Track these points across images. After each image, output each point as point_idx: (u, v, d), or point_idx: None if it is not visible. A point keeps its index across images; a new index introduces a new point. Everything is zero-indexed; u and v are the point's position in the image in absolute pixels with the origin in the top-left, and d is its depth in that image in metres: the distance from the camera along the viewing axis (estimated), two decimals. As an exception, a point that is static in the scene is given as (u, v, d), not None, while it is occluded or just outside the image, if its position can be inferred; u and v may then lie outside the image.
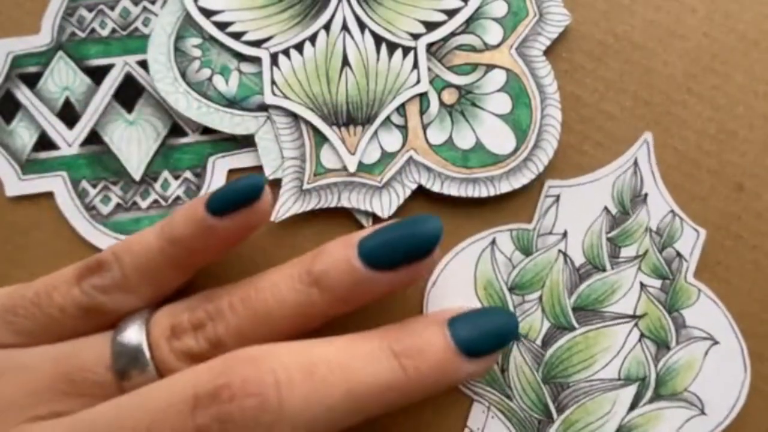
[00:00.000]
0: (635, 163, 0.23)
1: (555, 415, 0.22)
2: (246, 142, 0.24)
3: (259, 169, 0.24)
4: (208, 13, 0.24)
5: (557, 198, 0.23)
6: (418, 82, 0.24)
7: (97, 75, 0.25)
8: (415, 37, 0.24)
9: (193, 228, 0.20)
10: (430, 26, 0.24)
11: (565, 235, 0.23)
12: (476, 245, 0.23)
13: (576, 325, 0.23)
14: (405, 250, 0.19)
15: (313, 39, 0.24)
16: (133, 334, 0.20)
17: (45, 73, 0.25)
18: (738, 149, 0.24)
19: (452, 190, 0.23)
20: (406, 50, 0.24)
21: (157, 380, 0.19)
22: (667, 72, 0.24)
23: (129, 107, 0.24)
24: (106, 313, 0.20)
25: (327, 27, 0.24)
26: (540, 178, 0.23)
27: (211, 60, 0.24)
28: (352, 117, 0.23)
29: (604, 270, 0.23)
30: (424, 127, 0.24)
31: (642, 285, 0.23)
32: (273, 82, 0.24)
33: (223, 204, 0.20)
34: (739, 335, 0.23)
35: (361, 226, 0.23)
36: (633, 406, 0.22)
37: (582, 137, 0.24)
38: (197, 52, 0.24)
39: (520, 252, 0.23)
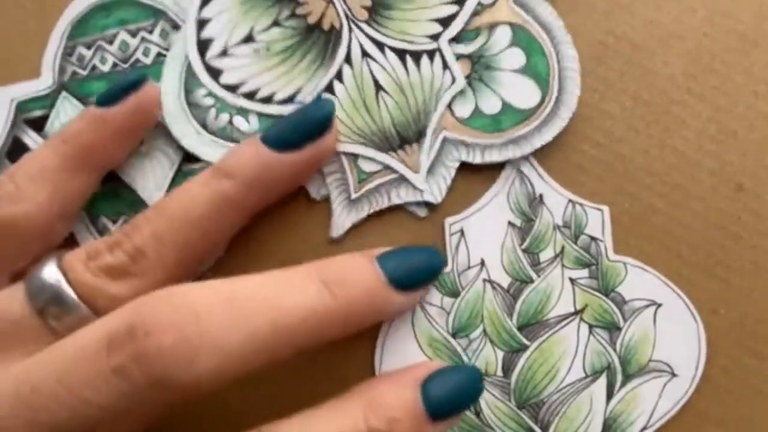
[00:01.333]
0: (519, 171, 0.23)
1: None
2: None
3: None
4: (232, 89, 0.24)
5: (461, 232, 0.23)
6: (454, 80, 0.24)
7: None
8: (435, 37, 0.24)
9: (82, 122, 0.21)
10: (445, 22, 0.24)
11: (483, 263, 0.23)
12: (402, 320, 0.23)
13: (527, 342, 0.23)
14: (303, 129, 0.22)
15: (339, 76, 0.24)
16: (47, 270, 0.19)
17: (51, 115, 0.25)
18: (738, 149, 0.24)
19: (494, 156, 0.23)
20: (431, 54, 0.24)
21: (80, 308, 0.19)
22: (667, 72, 0.24)
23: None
24: (5, 227, 0.20)
25: (348, 60, 0.24)
26: (442, 217, 0.23)
27: (226, 104, 0.24)
28: (404, 137, 0.23)
29: (531, 281, 0.23)
30: (449, 105, 0.24)
31: (572, 280, 0.23)
32: None
33: (109, 93, 0.22)
34: (675, 289, 0.23)
35: (417, 219, 0.23)
36: (609, 395, 0.22)
37: (582, 137, 0.24)
38: (210, 101, 0.24)
39: (448, 297, 0.23)
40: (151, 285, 0.19)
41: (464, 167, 0.23)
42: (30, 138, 0.25)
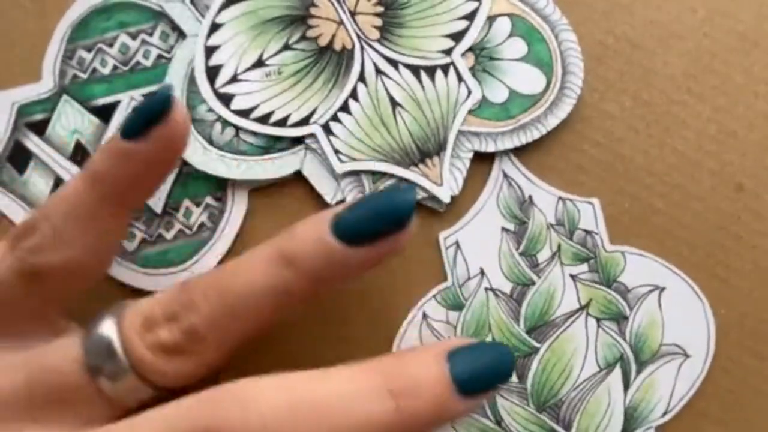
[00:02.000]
0: (505, 175, 0.23)
1: None
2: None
3: (280, 182, 0.24)
4: (244, 113, 0.24)
5: (457, 244, 0.23)
6: (470, 92, 0.24)
7: (105, 113, 0.24)
8: (447, 52, 0.24)
9: (113, 160, 0.19)
10: (457, 37, 0.24)
11: (482, 272, 0.23)
12: (412, 326, 0.23)
13: (537, 345, 0.23)
14: (379, 223, 0.18)
15: (354, 95, 0.24)
16: (104, 329, 0.19)
17: (52, 118, 0.25)
18: (738, 149, 0.24)
19: (506, 143, 0.23)
20: (445, 68, 0.24)
21: (132, 376, 0.19)
22: (667, 72, 0.24)
23: None
24: (44, 275, 0.19)
25: (362, 78, 0.24)
26: (436, 231, 0.23)
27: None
28: (424, 151, 0.23)
29: (533, 283, 0.23)
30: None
31: (572, 276, 0.23)
32: (336, 152, 0.23)
33: (133, 125, 0.19)
34: (677, 271, 0.23)
35: (438, 214, 0.23)
36: (626, 386, 0.23)
37: (582, 137, 0.24)
38: (213, 115, 0.24)
39: (452, 310, 0.23)
40: (203, 364, 0.19)
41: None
42: (31, 142, 0.25)
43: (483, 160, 0.24)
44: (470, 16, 0.24)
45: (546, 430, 0.22)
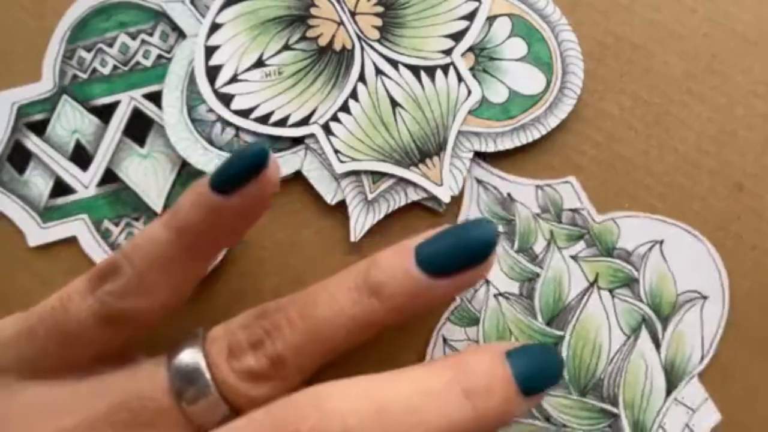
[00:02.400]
0: (478, 181, 0.23)
1: (614, 409, 0.22)
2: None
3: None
4: (244, 114, 0.24)
5: None
6: (470, 92, 0.24)
7: (105, 113, 0.25)
8: (447, 52, 0.24)
9: (199, 212, 0.19)
10: (457, 37, 0.24)
11: (486, 281, 0.23)
12: (437, 352, 0.23)
13: (560, 333, 0.23)
14: (462, 256, 0.19)
15: (354, 95, 0.24)
16: (190, 356, 0.19)
17: (52, 118, 0.25)
18: (737, 149, 0.24)
19: (506, 143, 0.23)
20: (445, 68, 0.24)
21: (217, 400, 0.19)
22: (666, 72, 0.24)
23: (140, 141, 0.24)
24: (125, 319, 0.19)
25: (362, 78, 0.24)
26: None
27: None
28: (424, 151, 0.23)
29: (538, 276, 0.23)
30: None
31: (573, 257, 0.23)
32: (336, 152, 0.23)
33: (227, 180, 0.19)
34: (669, 221, 0.23)
35: (435, 214, 0.23)
36: (657, 345, 0.23)
37: (582, 137, 0.24)
38: (213, 116, 0.24)
39: (470, 327, 0.23)
40: (287, 388, 0.19)
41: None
42: (31, 142, 0.25)
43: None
44: (470, 16, 0.24)
45: (595, 411, 0.22)
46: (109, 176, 0.24)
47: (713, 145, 0.24)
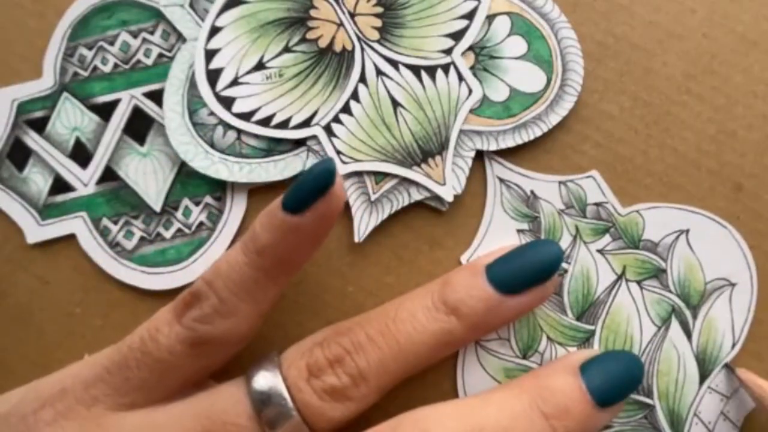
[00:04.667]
0: (501, 180, 0.23)
1: (649, 400, 0.22)
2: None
3: (278, 183, 0.24)
4: (245, 117, 0.24)
5: None
6: (471, 91, 0.24)
7: (105, 111, 0.25)
8: (447, 52, 0.24)
9: (275, 233, 0.19)
10: (457, 36, 0.24)
11: None
12: (469, 354, 0.23)
13: (591, 327, 0.23)
14: (532, 274, 0.20)
15: (355, 96, 0.24)
16: (268, 379, 0.20)
17: (52, 116, 0.25)
18: (737, 149, 0.24)
19: (508, 142, 0.23)
20: (446, 68, 0.24)
21: (297, 421, 0.19)
22: (666, 72, 0.24)
23: (140, 140, 0.24)
24: (213, 343, 0.20)
25: (363, 79, 0.24)
26: (457, 255, 0.23)
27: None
28: (426, 151, 0.23)
29: (565, 272, 0.23)
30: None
31: (600, 251, 0.23)
32: (338, 153, 0.23)
33: (300, 199, 0.19)
34: (693, 209, 0.23)
35: (438, 213, 0.23)
36: (688, 334, 0.23)
37: (582, 137, 0.24)
38: (214, 119, 0.24)
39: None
40: (365, 407, 0.20)
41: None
42: (31, 139, 0.25)
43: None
44: (469, 15, 0.24)
45: (630, 403, 0.22)
46: (109, 174, 0.24)
47: (713, 145, 0.24)
